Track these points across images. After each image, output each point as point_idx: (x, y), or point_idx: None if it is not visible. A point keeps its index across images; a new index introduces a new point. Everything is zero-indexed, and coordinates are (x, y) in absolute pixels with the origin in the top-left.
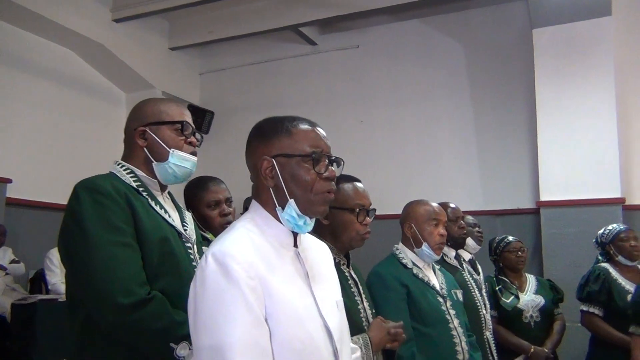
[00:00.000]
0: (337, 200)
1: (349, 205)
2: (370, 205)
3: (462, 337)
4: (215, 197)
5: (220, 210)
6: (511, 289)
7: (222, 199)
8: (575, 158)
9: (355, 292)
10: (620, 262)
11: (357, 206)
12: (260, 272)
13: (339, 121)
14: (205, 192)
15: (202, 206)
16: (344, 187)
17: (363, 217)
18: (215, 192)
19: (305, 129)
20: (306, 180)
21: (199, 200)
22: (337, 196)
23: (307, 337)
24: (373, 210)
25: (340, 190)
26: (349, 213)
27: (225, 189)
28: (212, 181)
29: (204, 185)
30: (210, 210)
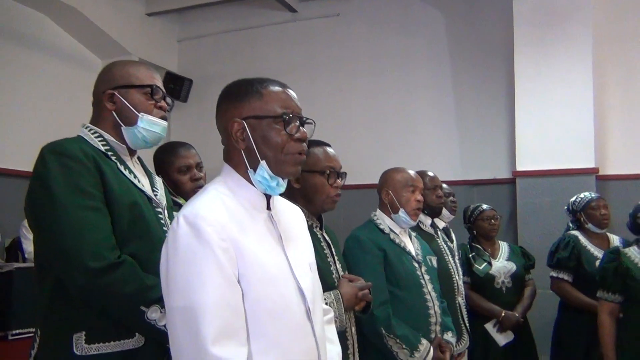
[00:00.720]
0: (307, 164)
1: (320, 168)
2: (340, 168)
3: (435, 301)
4: (186, 162)
5: (191, 175)
6: (484, 256)
7: (193, 163)
8: (551, 128)
9: (328, 254)
10: (590, 230)
11: (327, 168)
12: (232, 234)
13: (319, 90)
14: (175, 157)
15: (173, 171)
16: (314, 151)
17: (334, 180)
18: (185, 157)
19: (275, 90)
20: (277, 141)
21: (169, 166)
22: (308, 160)
23: (280, 298)
24: (344, 173)
25: (311, 154)
26: (320, 176)
27: (196, 154)
28: (182, 146)
29: (174, 150)
30: (181, 176)
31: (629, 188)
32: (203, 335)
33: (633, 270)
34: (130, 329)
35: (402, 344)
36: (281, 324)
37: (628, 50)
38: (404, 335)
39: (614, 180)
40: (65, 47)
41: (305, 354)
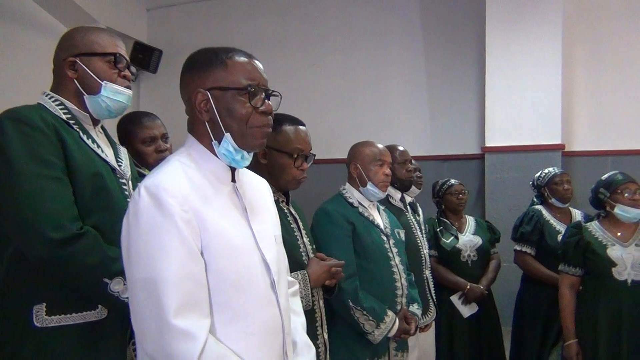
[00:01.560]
0: (277, 142)
1: (288, 149)
2: (310, 150)
3: (402, 274)
4: (151, 133)
5: (156, 146)
6: (451, 230)
7: (158, 134)
8: (520, 105)
9: (294, 228)
10: (553, 204)
11: (296, 151)
12: (195, 206)
13: (291, 64)
14: (140, 128)
15: (137, 142)
16: (286, 130)
17: (300, 163)
18: (150, 128)
19: (241, 61)
20: (242, 113)
21: (133, 136)
22: (278, 137)
23: (244, 269)
24: (312, 156)
25: (282, 132)
26: (287, 157)
27: (161, 125)
28: (147, 116)
29: (138, 120)
30: (145, 147)
31: (593, 164)
32: (165, 307)
33: (593, 244)
34: (93, 301)
35: (369, 316)
36: (245, 295)
37: (596, 30)
38: (371, 307)
39: (579, 156)
40: (27, 12)
41: (269, 325)
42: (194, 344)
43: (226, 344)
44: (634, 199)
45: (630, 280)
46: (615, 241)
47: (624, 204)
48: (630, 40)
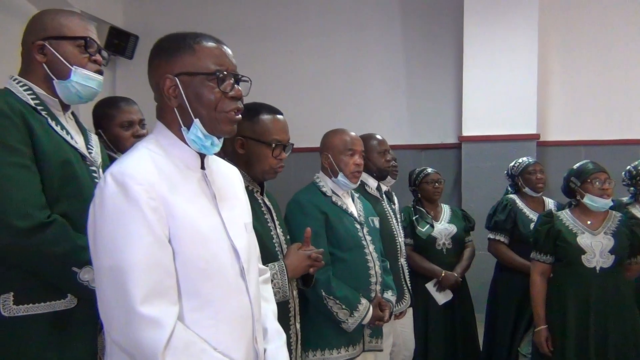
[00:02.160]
0: (255, 132)
1: (266, 139)
2: (288, 140)
3: (376, 261)
4: (129, 117)
5: (133, 131)
6: (427, 218)
7: (136, 119)
8: (497, 95)
9: (268, 219)
10: (526, 193)
11: (274, 141)
12: (162, 193)
13: (269, 50)
14: (118, 112)
15: (115, 126)
16: (264, 119)
17: (279, 152)
18: (128, 112)
19: (209, 46)
20: (210, 99)
21: (110, 120)
22: (256, 127)
23: (212, 257)
24: (290, 145)
25: (259, 122)
26: (265, 147)
27: (139, 111)
28: (125, 101)
29: (116, 104)
30: (123, 131)
31: (567, 154)
32: (131, 295)
33: (564, 233)
34: (62, 290)
35: (342, 305)
36: (214, 282)
37: (571, 22)
38: (344, 296)
39: (554, 146)
40: None
41: (238, 312)
42: (162, 332)
43: (195, 331)
44: (603, 189)
45: (598, 268)
46: (585, 229)
47: (593, 193)
48: (604, 32)
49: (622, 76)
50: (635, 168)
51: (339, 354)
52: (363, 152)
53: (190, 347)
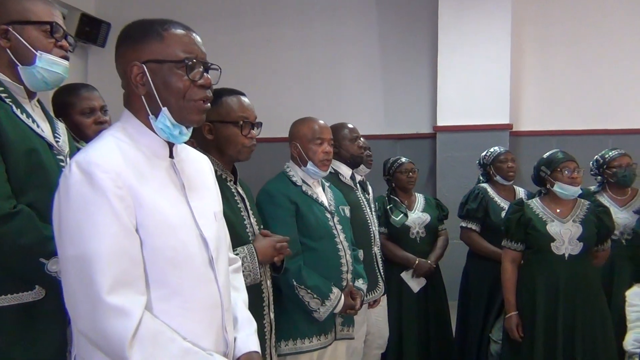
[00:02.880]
0: (219, 114)
1: (232, 118)
2: (255, 119)
3: (347, 250)
4: (90, 104)
5: (95, 117)
6: (401, 207)
7: (97, 106)
8: (471, 85)
9: (241, 208)
10: (498, 182)
11: (240, 119)
12: (129, 182)
13: (245, 39)
14: (78, 99)
15: (75, 114)
16: (227, 100)
17: (248, 130)
18: (88, 99)
19: (178, 33)
20: (179, 87)
21: (71, 107)
22: (220, 110)
23: (180, 246)
24: (259, 123)
25: (223, 104)
26: (233, 126)
27: (100, 97)
28: (85, 87)
29: (76, 91)
30: (84, 118)
31: (539, 144)
32: (97, 284)
33: (534, 221)
34: (29, 282)
35: (313, 294)
36: (182, 272)
37: (545, 12)
38: (315, 285)
39: (526, 136)
40: None
41: (207, 301)
42: (129, 321)
43: (163, 320)
44: (572, 177)
45: (567, 255)
46: (555, 217)
47: (562, 182)
48: (577, 24)
49: (593, 68)
50: (603, 157)
51: (310, 342)
52: (332, 141)
53: (158, 336)
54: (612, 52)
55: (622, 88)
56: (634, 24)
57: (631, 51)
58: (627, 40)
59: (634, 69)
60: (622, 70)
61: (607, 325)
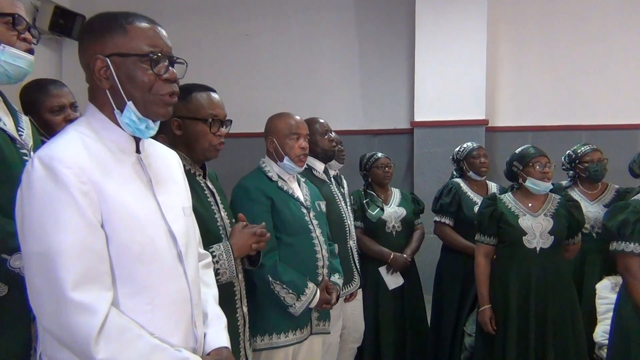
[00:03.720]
0: (189, 110)
1: (202, 115)
2: (225, 117)
3: (322, 245)
4: (59, 101)
5: (64, 115)
6: (377, 202)
7: (67, 103)
8: (447, 81)
9: (212, 202)
10: (471, 177)
11: (210, 116)
12: (93, 177)
13: (222, 33)
14: (47, 96)
15: (44, 111)
16: (197, 97)
17: (217, 128)
18: (58, 96)
19: (142, 26)
20: (144, 81)
21: (40, 105)
22: (190, 106)
23: (147, 241)
24: (229, 121)
25: (193, 100)
26: (202, 123)
27: (69, 93)
28: (54, 84)
29: (45, 88)
30: (53, 116)
31: (515, 139)
32: (61, 281)
33: (506, 215)
34: None
35: (289, 289)
36: (149, 267)
37: (520, 8)
38: (290, 280)
39: (502, 131)
40: None
41: (176, 297)
42: (94, 318)
43: (131, 316)
44: (544, 172)
45: (538, 248)
46: (527, 211)
47: (534, 177)
48: (552, 21)
49: (567, 65)
50: (575, 152)
51: (286, 337)
52: (308, 136)
53: (125, 332)
54: (585, 50)
55: (595, 85)
56: (606, 23)
57: (604, 49)
58: (600, 39)
59: (607, 67)
60: (595, 67)
61: (577, 317)
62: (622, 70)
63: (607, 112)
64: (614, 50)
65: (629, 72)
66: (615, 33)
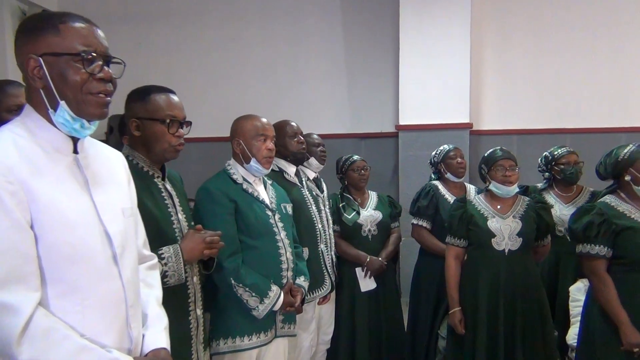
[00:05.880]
0: (147, 111)
1: (160, 116)
2: (184, 118)
3: (287, 248)
4: (17, 101)
5: None
6: (353, 205)
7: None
8: (432, 84)
9: (169, 204)
10: (449, 180)
11: (168, 117)
12: (22, 177)
13: (208, 37)
14: (5, 96)
15: (2, 111)
16: (155, 98)
17: (175, 129)
18: (16, 96)
19: (76, 26)
20: (76, 80)
21: None
22: (148, 107)
23: (79, 242)
24: (188, 122)
25: (151, 101)
26: (160, 124)
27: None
28: (11, 84)
29: (2, 88)
30: (11, 116)
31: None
32: None
33: (476, 217)
34: None
35: (252, 292)
36: (81, 268)
37: (505, 11)
38: (254, 283)
39: (486, 135)
40: None
41: (109, 298)
42: (17, 318)
43: (60, 317)
44: (505, 176)
45: (507, 250)
46: (495, 214)
47: (497, 180)
48: (536, 24)
49: (553, 67)
50: (551, 154)
51: (250, 340)
52: (274, 138)
53: (51, 333)
54: (569, 53)
55: (580, 88)
56: (591, 26)
57: (588, 53)
58: (584, 42)
59: (591, 70)
60: (579, 71)
61: (546, 319)
62: (606, 74)
63: (591, 115)
64: (598, 54)
65: (613, 75)
66: (599, 37)
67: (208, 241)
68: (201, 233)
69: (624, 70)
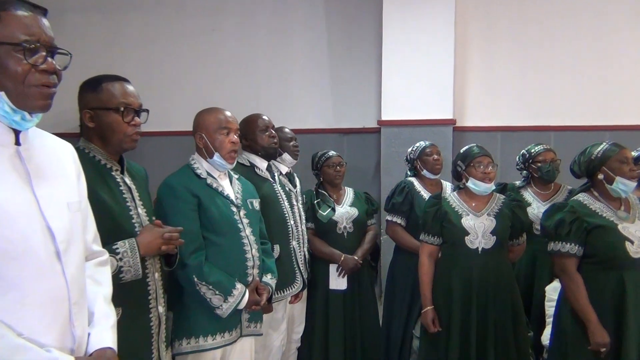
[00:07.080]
0: (100, 101)
1: (113, 104)
2: (140, 106)
3: (253, 245)
4: None
5: None
6: (329, 202)
7: None
8: (415, 80)
9: (127, 198)
10: (425, 176)
11: (122, 105)
12: None
13: (189, 28)
14: None
15: None
16: (108, 87)
17: (130, 117)
18: None
19: (19, 14)
20: (16, 71)
21: None
22: (100, 96)
23: (18, 237)
24: (145, 111)
25: (103, 90)
26: (114, 113)
27: None
28: None
29: None
30: None
31: (483, 139)
32: None
33: (450, 214)
34: None
35: (215, 290)
36: (19, 264)
37: (489, 8)
38: (217, 281)
39: (470, 131)
40: None
41: (50, 296)
42: None
43: None
44: (485, 173)
45: (480, 248)
46: (470, 211)
47: (475, 177)
48: (520, 20)
49: (536, 65)
50: (528, 152)
51: (213, 340)
52: (238, 131)
53: None
54: (553, 50)
55: (564, 86)
56: (575, 22)
57: (572, 49)
58: (569, 38)
59: (575, 67)
60: (564, 68)
61: (519, 318)
62: (590, 72)
63: (575, 113)
64: (583, 51)
65: (597, 73)
66: (584, 35)
67: (166, 237)
68: (158, 229)
69: (608, 68)
